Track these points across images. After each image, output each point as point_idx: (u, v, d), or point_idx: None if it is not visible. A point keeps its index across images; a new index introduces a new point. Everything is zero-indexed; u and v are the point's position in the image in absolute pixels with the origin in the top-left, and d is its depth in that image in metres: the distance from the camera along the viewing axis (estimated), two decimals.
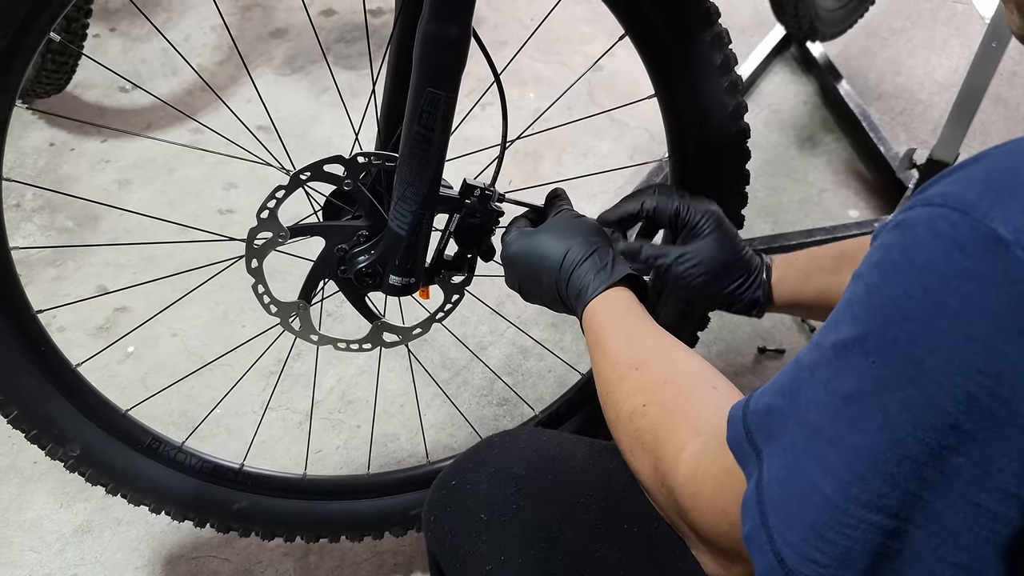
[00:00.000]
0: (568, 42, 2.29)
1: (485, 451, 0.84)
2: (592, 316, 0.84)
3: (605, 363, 0.80)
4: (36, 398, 1.05)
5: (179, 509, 1.17)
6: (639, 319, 0.83)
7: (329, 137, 2.00)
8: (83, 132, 2.01)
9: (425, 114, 0.85)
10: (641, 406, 0.72)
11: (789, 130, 2.05)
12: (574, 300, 0.87)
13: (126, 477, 1.13)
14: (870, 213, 1.87)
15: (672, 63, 0.94)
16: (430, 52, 0.83)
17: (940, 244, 0.46)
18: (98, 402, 1.10)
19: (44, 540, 1.36)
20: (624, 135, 2.02)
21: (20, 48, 0.86)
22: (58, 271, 1.72)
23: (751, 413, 0.58)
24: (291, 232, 0.98)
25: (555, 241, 0.90)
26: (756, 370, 1.61)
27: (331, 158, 0.94)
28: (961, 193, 0.47)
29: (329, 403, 1.53)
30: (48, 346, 1.05)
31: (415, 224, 0.92)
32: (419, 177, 0.89)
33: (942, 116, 2.04)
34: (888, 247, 0.50)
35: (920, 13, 2.41)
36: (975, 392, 0.45)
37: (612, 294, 0.85)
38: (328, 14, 2.36)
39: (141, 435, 1.13)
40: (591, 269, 0.86)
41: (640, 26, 0.93)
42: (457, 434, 1.49)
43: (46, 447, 1.08)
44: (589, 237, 0.89)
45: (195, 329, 1.64)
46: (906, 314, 0.47)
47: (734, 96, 0.96)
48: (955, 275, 0.46)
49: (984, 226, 0.45)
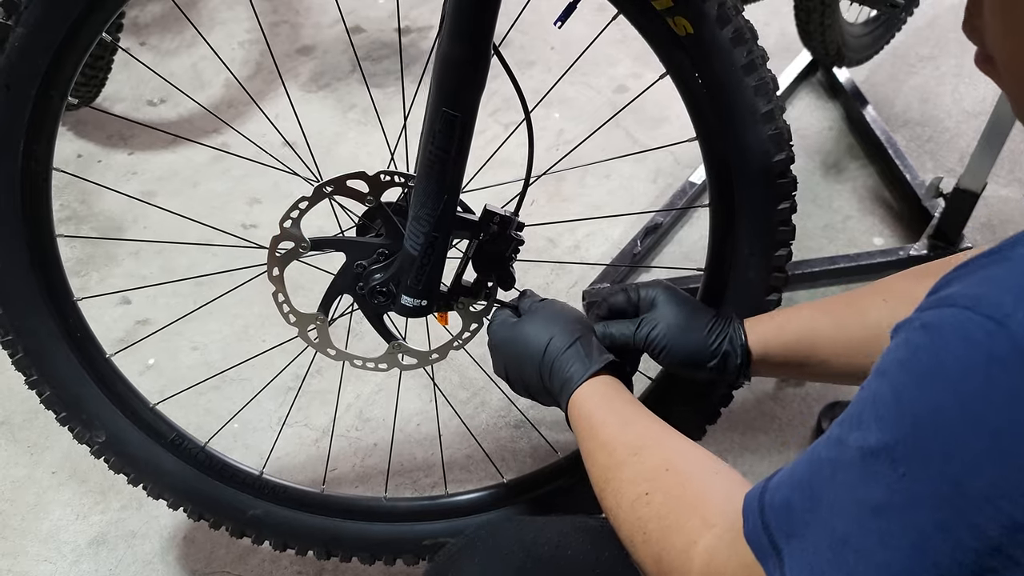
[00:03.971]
0: (595, 64, 2.29)
1: (467, 565, 0.81)
2: (581, 403, 0.83)
3: (600, 451, 0.78)
4: (70, 382, 1.09)
5: (196, 507, 1.19)
6: (629, 404, 0.82)
7: (355, 154, 2.01)
8: (110, 144, 2.04)
9: (440, 135, 0.85)
10: (644, 494, 0.70)
11: (815, 155, 2.04)
12: (559, 389, 0.86)
13: (148, 469, 1.16)
14: (895, 241, 1.85)
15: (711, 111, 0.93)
16: (446, 73, 0.83)
17: (975, 355, 0.44)
18: (128, 392, 1.14)
19: (59, 551, 1.36)
20: (647, 157, 2.01)
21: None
22: (82, 282, 1.74)
23: (768, 507, 0.55)
24: (312, 244, 0.98)
25: (538, 329, 0.90)
26: (777, 397, 1.59)
27: (354, 173, 0.95)
28: (995, 298, 0.44)
29: (347, 420, 1.53)
30: (84, 333, 1.09)
31: (428, 245, 0.91)
32: (433, 198, 0.88)
33: (969, 145, 2.03)
34: (916, 348, 0.47)
35: (948, 40, 2.39)
36: (1021, 519, 0.43)
37: (599, 381, 0.84)
38: (355, 32, 2.37)
39: (166, 430, 1.16)
40: (575, 357, 0.86)
41: (680, 72, 0.92)
42: (474, 455, 1.48)
43: (74, 430, 1.12)
44: (571, 325, 0.89)
45: (215, 343, 1.64)
46: (940, 427, 0.45)
47: (780, 146, 0.93)
48: (995, 391, 0.43)
49: (1023, 338, 0.43)
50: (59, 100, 0.94)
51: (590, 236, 1.86)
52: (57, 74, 0.92)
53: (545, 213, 1.88)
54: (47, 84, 0.92)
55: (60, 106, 0.94)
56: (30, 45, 0.89)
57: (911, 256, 1.74)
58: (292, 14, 2.44)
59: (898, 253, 1.75)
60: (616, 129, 2.11)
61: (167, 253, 1.79)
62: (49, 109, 0.94)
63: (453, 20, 0.81)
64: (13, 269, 1.01)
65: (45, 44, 0.89)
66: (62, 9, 0.88)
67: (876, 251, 1.77)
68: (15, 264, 1.01)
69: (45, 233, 1.02)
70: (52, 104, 0.93)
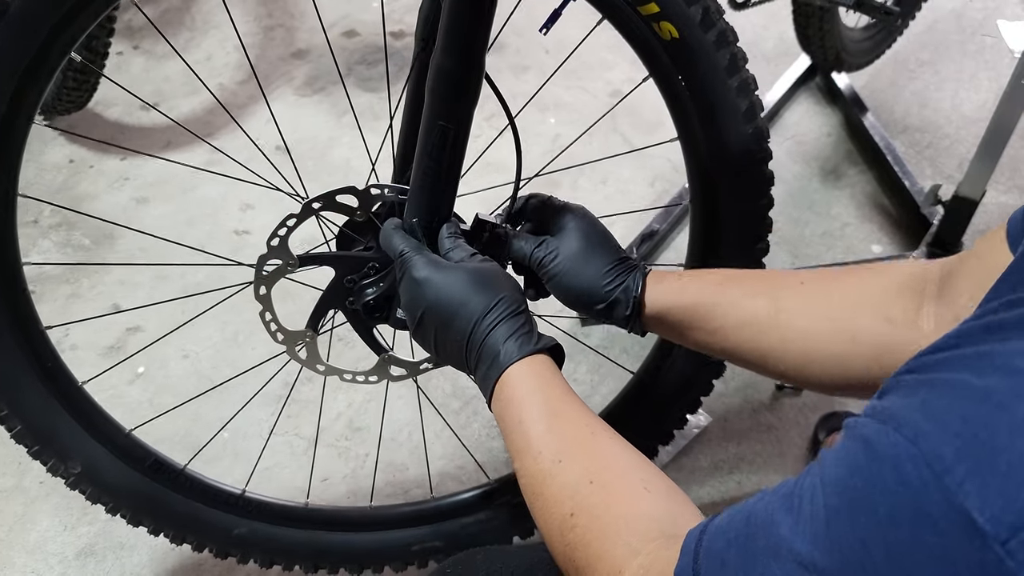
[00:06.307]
0: (590, 68, 2.28)
1: None
2: (511, 386, 0.74)
3: (527, 452, 0.71)
4: (40, 414, 1.04)
5: (178, 532, 1.15)
6: (561, 394, 0.73)
7: (348, 159, 1.99)
8: (102, 150, 2.02)
9: (435, 148, 0.84)
10: (568, 516, 0.65)
11: (812, 162, 2.02)
12: (487, 363, 0.76)
13: (126, 497, 1.12)
14: (893, 248, 1.84)
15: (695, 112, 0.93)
16: (440, 87, 0.81)
17: (906, 500, 0.42)
18: (102, 419, 1.10)
19: (47, 562, 1.34)
20: (645, 163, 2.00)
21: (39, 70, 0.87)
22: (72, 288, 1.72)
23: (704, 554, 0.53)
24: (301, 261, 0.96)
25: (479, 287, 0.79)
26: (773, 407, 1.57)
27: (344, 189, 0.93)
28: (935, 442, 0.41)
29: (336, 430, 1.52)
30: (55, 362, 1.04)
31: None
32: (428, 211, 0.87)
33: (968, 151, 2.01)
34: (853, 467, 0.45)
35: (948, 45, 2.38)
36: None
37: (533, 361, 0.75)
38: (350, 35, 2.36)
39: (143, 455, 1.12)
40: (512, 331, 0.76)
41: (663, 75, 0.93)
42: (466, 466, 1.47)
43: (47, 463, 1.07)
44: (514, 294, 0.79)
45: (206, 351, 1.62)
46: (866, 569, 0.43)
47: (759, 143, 0.94)
48: (922, 548, 0.41)
49: (958, 503, 0.39)
50: (25, 123, 0.90)
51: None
52: (22, 98, 0.88)
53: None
54: (13, 108, 0.88)
55: (26, 129, 0.91)
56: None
57: None
58: (287, 17, 2.42)
59: (897, 260, 1.74)
60: (613, 134, 2.09)
61: (159, 261, 1.77)
62: (13, 133, 0.90)
63: (447, 34, 0.79)
64: None
65: (10, 69, 0.86)
66: (26, 32, 0.85)
67: (875, 259, 1.76)
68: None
69: (10, 261, 0.97)
70: (16, 128, 0.90)
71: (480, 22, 0.79)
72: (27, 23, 0.85)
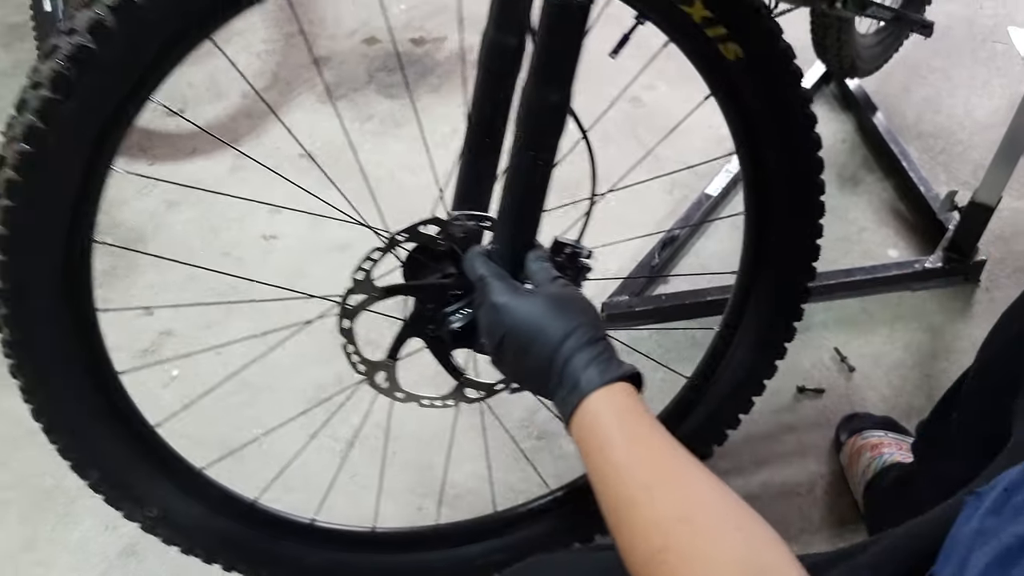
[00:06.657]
0: (608, 76, 2.30)
1: None
2: (593, 413, 0.74)
3: (613, 475, 0.70)
4: (117, 461, 1.05)
5: (251, 566, 1.16)
6: (646, 424, 0.73)
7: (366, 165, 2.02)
8: (130, 155, 2.05)
9: (526, 178, 0.87)
10: (658, 551, 0.64)
11: (829, 168, 2.01)
12: (568, 389, 0.76)
13: (200, 536, 1.13)
14: (910, 253, 1.87)
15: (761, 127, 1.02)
16: (544, 121, 0.85)
17: None
18: (175, 460, 1.10)
19: (89, 562, 1.37)
20: (664, 168, 2.02)
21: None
22: (104, 293, 1.75)
23: None
24: (385, 292, 0.99)
25: (560, 314, 0.79)
26: (794, 409, 1.61)
27: (428, 220, 0.95)
28: None
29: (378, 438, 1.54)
30: (128, 406, 1.04)
31: None
32: (514, 238, 0.91)
33: (982, 156, 2.04)
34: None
35: (960, 51, 2.41)
36: None
37: (615, 390, 0.74)
38: (371, 42, 2.39)
39: (215, 493, 1.13)
40: (593, 358, 0.76)
41: (727, 93, 0.99)
42: (494, 469, 1.50)
43: (123, 510, 1.09)
44: (595, 320, 0.80)
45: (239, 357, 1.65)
46: None
47: (819, 146, 1.04)
48: None
49: None
50: (104, 170, 0.90)
51: (608, 249, 1.87)
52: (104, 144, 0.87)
53: (562, 226, 1.89)
54: (95, 155, 0.87)
55: (106, 177, 0.90)
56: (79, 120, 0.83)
57: (926, 268, 1.76)
58: (308, 24, 2.45)
59: (913, 266, 1.77)
60: (631, 140, 2.12)
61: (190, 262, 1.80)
62: (95, 182, 0.89)
63: (549, 69, 0.83)
64: (54, 353, 0.95)
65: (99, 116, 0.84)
66: (116, 80, 0.83)
67: (892, 263, 1.79)
68: (56, 347, 0.95)
69: (85, 311, 0.97)
70: (98, 176, 0.89)
71: (578, 54, 0.83)
72: (117, 69, 0.82)
